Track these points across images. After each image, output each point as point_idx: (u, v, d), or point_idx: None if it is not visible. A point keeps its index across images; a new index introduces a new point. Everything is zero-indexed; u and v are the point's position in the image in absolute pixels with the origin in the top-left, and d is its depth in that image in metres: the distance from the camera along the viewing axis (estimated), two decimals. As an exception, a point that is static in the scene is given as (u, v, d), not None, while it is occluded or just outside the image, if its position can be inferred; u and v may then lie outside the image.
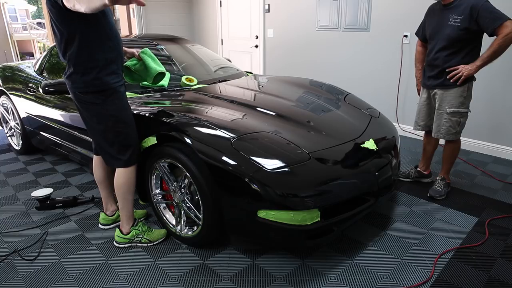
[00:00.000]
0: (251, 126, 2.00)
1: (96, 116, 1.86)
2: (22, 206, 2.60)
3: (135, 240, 2.10)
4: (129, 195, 2.04)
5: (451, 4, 2.35)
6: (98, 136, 1.94)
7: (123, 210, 2.07)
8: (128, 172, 1.99)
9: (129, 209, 2.07)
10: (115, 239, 2.11)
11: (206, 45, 6.26)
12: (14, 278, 1.86)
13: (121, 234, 2.09)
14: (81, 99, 1.84)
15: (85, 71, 1.77)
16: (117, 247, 2.11)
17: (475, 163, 3.30)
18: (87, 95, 1.82)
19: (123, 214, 2.08)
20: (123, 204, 2.05)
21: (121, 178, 1.99)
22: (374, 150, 2.06)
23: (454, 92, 2.42)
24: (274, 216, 1.70)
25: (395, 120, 4.11)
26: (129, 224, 2.10)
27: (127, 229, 2.09)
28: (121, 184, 2.00)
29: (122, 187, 2.00)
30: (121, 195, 2.02)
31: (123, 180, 1.99)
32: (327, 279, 1.84)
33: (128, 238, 2.09)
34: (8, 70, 3.53)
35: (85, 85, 1.79)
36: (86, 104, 1.85)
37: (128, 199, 2.05)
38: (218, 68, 3.27)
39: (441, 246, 2.09)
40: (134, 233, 2.09)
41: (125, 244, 2.11)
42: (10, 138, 3.73)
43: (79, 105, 1.88)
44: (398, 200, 2.62)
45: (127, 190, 2.02)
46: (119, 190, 2.01)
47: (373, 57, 4.20)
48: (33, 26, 22.05)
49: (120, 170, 1.99)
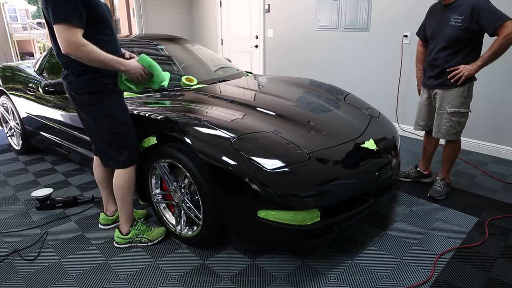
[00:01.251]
0: (251, 126, 2.00)
1: (92, 117, 1.86)
2: (22, 206, 2.60)
3: (135, 240, 2.10)
4: (128, 196, 2.03)
5: (452, 4, 2.35)
6: (95, 137, 1.94)
7: (122, 211, 2.06)
8: (126, 173, 1.98)
9: (129, 210, 2.07)
10: (115, 240, 2.11)
11: (206, 45, 6.26)
12: (14, 278, 1.86)
13: (121, 235, 2.09)
14: (78, 100, 1.84)
15: (81, 73, 1.77)
16: (117, 247, 2.11)
17: (475, 163, 3.30)
18: (83, 96, 1.81)
19: (122, 215, 2.07)
20: (122, 205, 2.05)
21: (120, 179, 1.99)
22: (374, 150, 2.06)
23: (455, 92, 2.42)
24: (274, 216, 1.69)
25: (395, 120, 4.11)
26: (128, 225, 2.10)
27: (126, 229, 2.09)
28: (120, 185, 1.99)
29: (121, 188, 2.00)
30: (120, 196, 2.02)
31: (122, 181, 1.99)
32: (327, 279, 1.84)
33: (128, 238, 2.09)
34: (8, 70, 3.53)
35: (80, 86, 1.79)
36: (82, 105, 1.85)
37: (128, 200, 2.04)
38: (218, 68, 3.27)
39: (441, 246, 2.09)
40: (134, 233, 2.09)
41: (125, 245, 2.10)
42: (10, 138, 3.73)
43: (76, 106, 1.88)
44: (398, 200, 2.62)
45: (126, 191, 2.02)
46: (118, 191, 2.01)
47: (373, 57, 4.20)
48: (33, 26, 22.04)
49: (119, 171, 1.98)
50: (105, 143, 1.92)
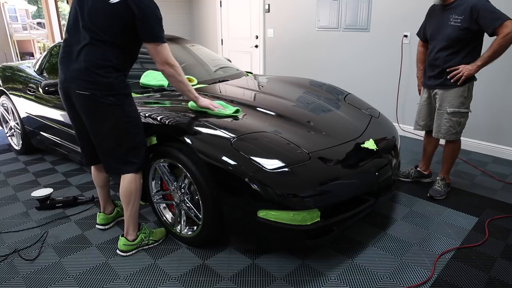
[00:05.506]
0: (251, 126, 2.00)
1: (114, 118, 1.80)
2: (22, 206, 2.60)
3: (142, 244, 2.06)
4: (137, 201, 1.99)
5: (451, 4, 2.35)
6: (110, 143, 1.84)
7: (131, 217, 1.99)
8: (138, 177, 1.94)
9: (137, 215, 2.03)
10: (120, 249, 2.02)
11: (206, 45, 6.26)
12: (14, 278, 1.86)
13: (128, 242, 2.02)
14: (100, 102, 1.76)
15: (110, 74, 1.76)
16: (123, 256, 2.02)
17: (475, 163, 3.30)
18: (108, 97, 1.76)
19: (131, 222, 2.01)
20: (132, 211, 1.98)
21: (132, 184, 1.91)
22: (374, 150, 2.06)
23: (455, 92, 2.42)
24: (274, 216, 1.69)
25: (395, 120, 4.11)
26: (136, 231, 2.04)
27: (134, 235, 2.03)
28: (133, 190, 1.92)
29: (133, 193, 1.94)
30: (131, 202, 1.95)
31: (135, 185, 1.92)
32: (327, 279, 1.84)
33: (136, 243, 2.03)
34: (8, 70, 3.53)
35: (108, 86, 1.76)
36: (105, 107, 1.77)
37: (137, 205, 2.00)
38: (218, 68, 3.27)
39: (441, 246, 2.09)
40: (142, 237, 2.05)
41: (133, 251, 2.03)
42: (10, 138, 3.73)
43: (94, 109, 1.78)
44: (398, 200, 2.62)
45: (137, 196, 1.96)
46: (130, 197, 1.93)
47: (373, 57, 4.20)
48: (33, 26, 22.04)
49: (130, 176, 1.91)
50: (121, 146, 1.85)
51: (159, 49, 1.77)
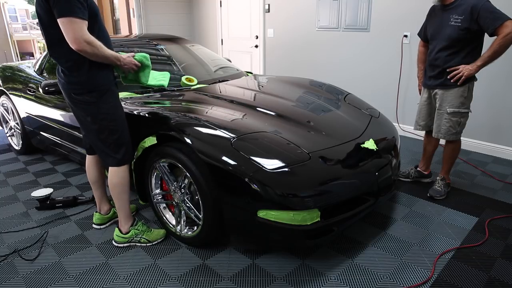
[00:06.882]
0: (251, 126, 2.00)
1: (90, 115, 1.86)
2: (22, 206, 2.60)
3: (134, 240, 2.10)
4: (124, 194, 2.03)
5: (451, 4, 2.35)
6: (92, 136, 1.93)
7: (120, 210, 2.06)
8: (121, 171, 1.98)
9: (126, 208, 2.07)
10: (114, 239, 2.11)
11: (206, 45, 6.26)
12: (14, 278, 1.86)
13: (120, 234, 2.09)
14: (75, 99, 1.84)
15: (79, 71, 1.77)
16: (116, 246, 2.11)
17: (475, 163, 3.30)
18: (82, 95, 1.81)
19: (121, 214, 2.07)
20: (119, 204, 2.05)
21: (114, 177, 1.98)
22: (374, 150, 2.06)
23: (455, 92, 2.42)
24: (274, 216, 1.69)
25: (395, 120, 4.11)
26: (128, 224, 2.10)
27: (126, 228, 2.09)
28: (116, 184, 1.99)
29: (117, 187, 2.00)
30: (116, 195, 2.02)
31: (117, 180, 1.98)
32: (327, 279, 1.84)
33: (127, 237, 2.09)
34: (8, 70, 3.53)
35: (79, 84, 1.80)
36: (80, 104, 1.84)
37: (124, 199, 2.04)
38: (218, 68, 3.27)
39: (441, 246, 2.09)
40: (133, 232, 2.09)
41: (124, 244, 2.10)
42: (10, 138, 3.73)
43: (73, 105, 1.88)
44: (398, 200, 2.62)
45: (121, 190, 2.01)
46: (114, 190, 2.01)
47: (373, 57, 4.20)
48: (33, 26, 22.04)
49: (113, 169, 1.98)
50: (102, 141, 1.92)
51: (64, 24, 1.61)
